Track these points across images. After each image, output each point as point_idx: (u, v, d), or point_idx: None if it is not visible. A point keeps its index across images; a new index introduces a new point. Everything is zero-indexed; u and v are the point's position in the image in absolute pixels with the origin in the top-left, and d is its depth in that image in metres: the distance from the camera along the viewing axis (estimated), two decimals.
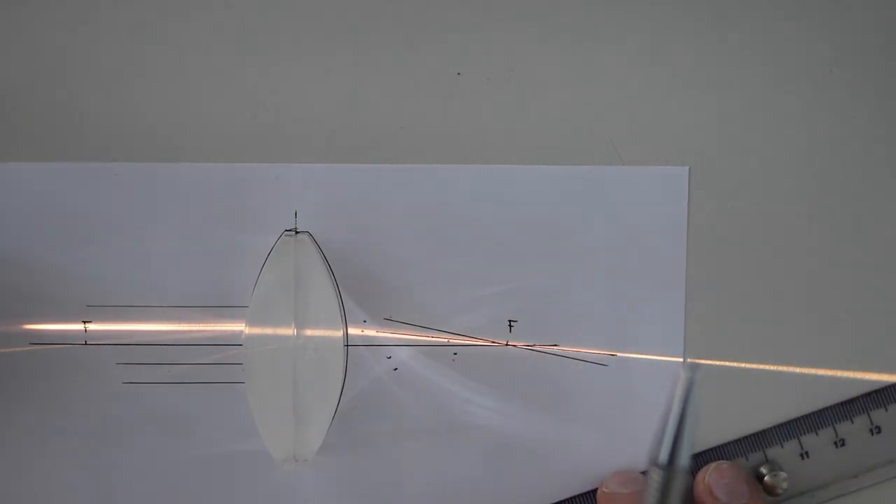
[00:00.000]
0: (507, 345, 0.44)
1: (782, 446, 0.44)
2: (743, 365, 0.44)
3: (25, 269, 0.43)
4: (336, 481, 0.44)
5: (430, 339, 0.44)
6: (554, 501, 0.44)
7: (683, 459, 0.32)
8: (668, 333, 0.44)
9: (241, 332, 0.43)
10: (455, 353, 0.44)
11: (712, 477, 0.42)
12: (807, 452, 0.44)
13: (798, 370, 0.44)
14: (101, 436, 0.44)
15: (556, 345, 0.44)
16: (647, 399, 0.44)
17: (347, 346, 0.43)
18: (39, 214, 0.43)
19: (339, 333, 0.42)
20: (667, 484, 0.32)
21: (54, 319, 0.43)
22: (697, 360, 0.31)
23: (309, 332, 0.42)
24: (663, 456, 0.31)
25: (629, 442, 0.44)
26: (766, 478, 0.43)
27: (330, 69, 0.44)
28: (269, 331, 0.42)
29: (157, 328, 0.43)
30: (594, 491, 0.44)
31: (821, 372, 0.44)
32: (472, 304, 0.44)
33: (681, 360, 0.44)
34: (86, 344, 0.43)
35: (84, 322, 0.43)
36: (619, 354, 0.44)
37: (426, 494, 0.44)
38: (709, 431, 0.44)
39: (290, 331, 0.42)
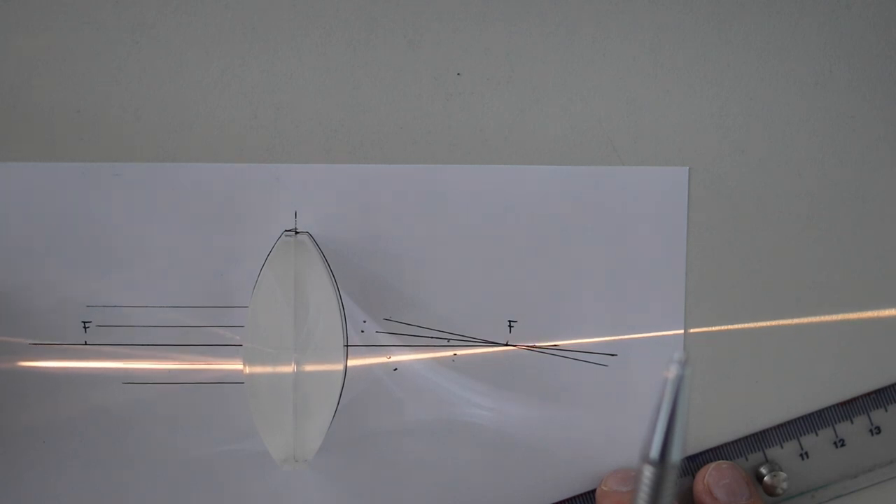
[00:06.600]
0: (507, 345, 0.44)
1: (782, 446, 0.44)
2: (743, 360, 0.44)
3: (26, 268, 0.43)
4: (336, 481, 0.44)
5: (430, 339, 0.44)
6: (553, 500, 0.44)
7: (674, 455, 0.31)
8: (668, 333, 0.44)
9: (241, 332, 0.43)
10: (455, 353, 0.44)
11: (712, 477, 0.42)
12: (807, 452, 0.44)
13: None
14: (101, 436, 0.44)
15: (556, 345, 0.44)
16: (647, 399, 0.43)
17: (347, 346, 0.43)
18: (39, 214, 0.43)
19: (339, 334, 0.42)
20: (658, 480, 0.32)
21: (54, 319, 0.43)
22: (686, 356, 0.31)
23: (309, 333, 0.42)
24: (654, 452, 0.31)
25: (628, 441, 0.44)
26: (766, 478, 0.43)
27: (330, 69, 0.44)
28: (268, 331, 0.42)
29: (157, 328, 0.43)
30: (594, 490, 0.44)
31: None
32: (472, 304, 0.44)
33: None
34: (86, 344, 0.43)
35: (84, 322, 0.43)
36: (618, 354, 0.44)
37: (426, 494, 0.44)
38: (709, 431, 0.44)
39: (289, 331, 0.41)
